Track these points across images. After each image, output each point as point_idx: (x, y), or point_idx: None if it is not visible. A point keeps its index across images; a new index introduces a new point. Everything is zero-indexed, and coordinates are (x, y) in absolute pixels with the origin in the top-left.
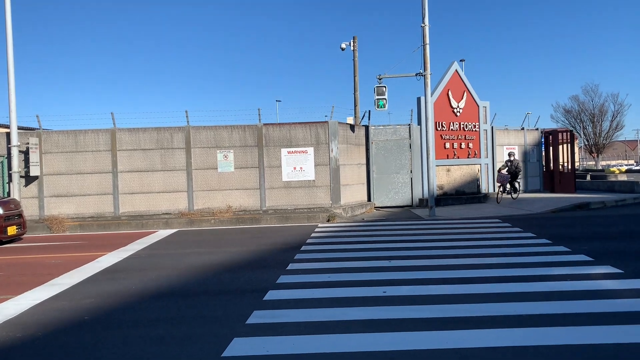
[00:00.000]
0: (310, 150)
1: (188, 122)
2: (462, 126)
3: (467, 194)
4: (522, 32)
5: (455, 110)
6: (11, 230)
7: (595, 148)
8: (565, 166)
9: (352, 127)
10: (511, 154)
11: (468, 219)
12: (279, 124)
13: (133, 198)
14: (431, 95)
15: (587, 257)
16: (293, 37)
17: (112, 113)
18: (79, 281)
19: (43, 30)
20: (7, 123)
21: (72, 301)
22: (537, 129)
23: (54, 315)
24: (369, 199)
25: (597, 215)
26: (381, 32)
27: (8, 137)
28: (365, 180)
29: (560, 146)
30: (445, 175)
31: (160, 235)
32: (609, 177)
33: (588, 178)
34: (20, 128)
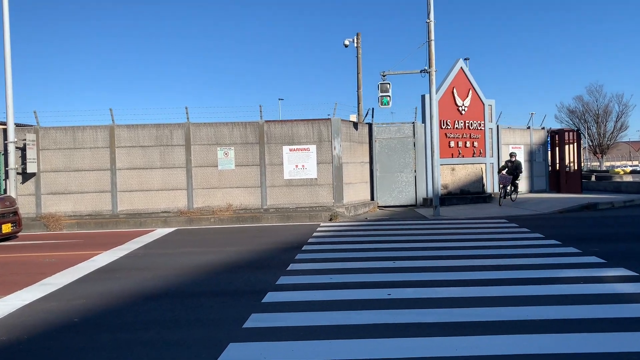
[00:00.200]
0: (312, 147)
1: (188, 119)
2: (467, 124)
3: (472, 194)
4: (526, 32)
5: (460, 108)
6: (6, 228)
7: (599, 149)
8: (571, 166)
9: (355, 125)
10: (512, 154)
11: (473, 219)
12: (281, 121)
13: (131, 196)
14: (436, 92)
15: (599, 259)
16: (295, 34)
17: (111, 109)
18: (72, 281)
19: (41, 25)
20: (4, 119)
21: (63, 302)
22: (544, 129)
23: (42, 317)
24: (372, 198)
25: (606, 216)
26: (385, 29)
27: (5, 133)
28: (368, 178)
29: (566, 146)
30: (449, 174)
31: (158, 234)
32: (615, 178)
33: (593, 179)
34: (17, 124)
